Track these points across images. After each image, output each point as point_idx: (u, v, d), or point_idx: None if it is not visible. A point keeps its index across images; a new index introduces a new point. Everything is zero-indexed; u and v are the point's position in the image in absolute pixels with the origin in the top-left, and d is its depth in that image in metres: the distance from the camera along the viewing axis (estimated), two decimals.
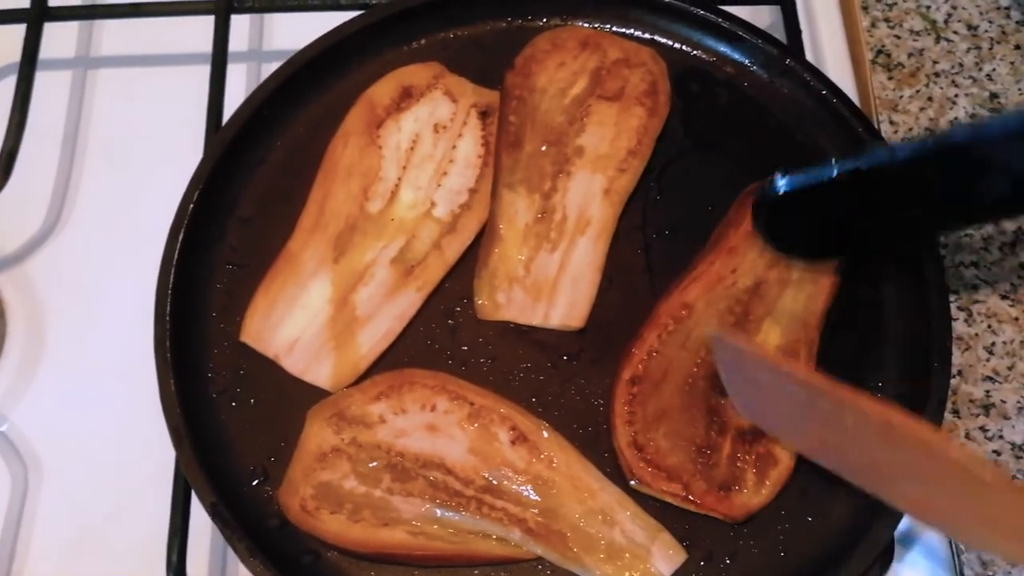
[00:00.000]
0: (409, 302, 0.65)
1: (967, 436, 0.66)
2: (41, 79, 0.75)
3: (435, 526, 0.58)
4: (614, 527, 0.58)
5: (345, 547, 0.58)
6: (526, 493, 0.59)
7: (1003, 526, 0.48)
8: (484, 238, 0.67)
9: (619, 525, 0.58)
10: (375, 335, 0.64)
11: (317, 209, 0.67)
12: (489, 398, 0.61)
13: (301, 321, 0.64)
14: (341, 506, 0.59)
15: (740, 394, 0.58)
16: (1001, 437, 0.65)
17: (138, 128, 0.78)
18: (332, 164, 0.69)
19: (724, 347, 0.57)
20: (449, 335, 0.65)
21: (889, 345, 0.65)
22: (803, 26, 0.77)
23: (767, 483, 0.59)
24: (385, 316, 0.64)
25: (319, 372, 0.63)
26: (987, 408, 0.66)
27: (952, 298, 0.68)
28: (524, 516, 0.58)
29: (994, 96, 0.77)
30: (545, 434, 0.60)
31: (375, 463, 0.60)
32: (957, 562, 0.62)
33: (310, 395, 0.62)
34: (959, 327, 0.68)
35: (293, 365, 0.63)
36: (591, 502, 0.59)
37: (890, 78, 0.78)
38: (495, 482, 0.59)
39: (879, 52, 0.79)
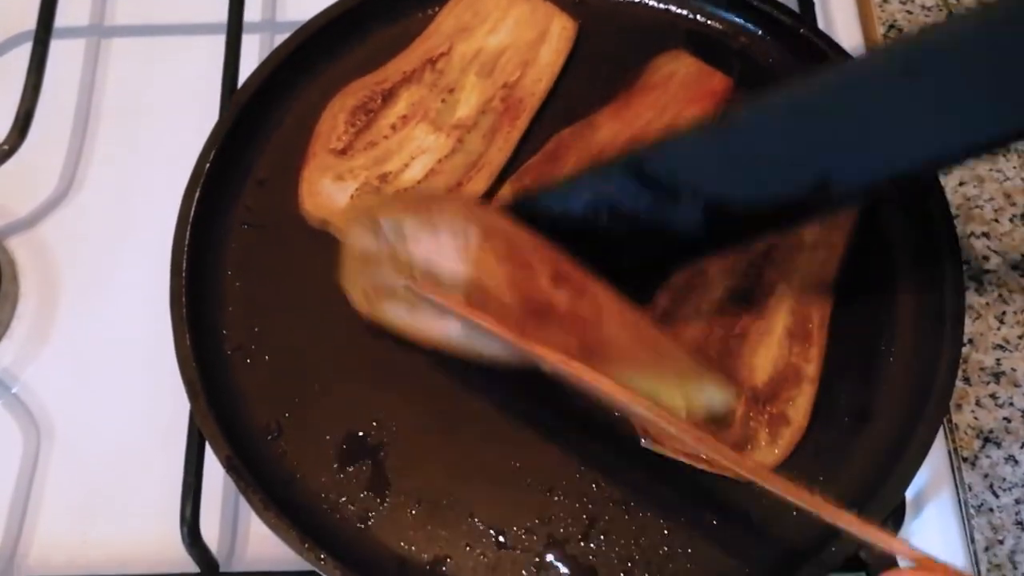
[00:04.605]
0: None
1: (978, 403, 0.66)
2: (55, 47, 0.75)
3: None
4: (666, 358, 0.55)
5: (410, 337, 0.58)
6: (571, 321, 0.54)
7: None
8: None
9: (672, 354, 0.55)
10: None
11: None
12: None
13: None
14: (395, 298, 0.58)
15: None
16: (1012, 404, 0.66)
17: (152, 97, 0.78)
18: None
19: None
20: None
21: (902, 313, 0.65)
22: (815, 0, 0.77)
23: (780, 443, 0.60)
24: None
25: None
26: (997, 376, 0.67)
27: (963, 267, 0.68)
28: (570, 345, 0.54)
29: None
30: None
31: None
32: (967, 525, 0.62)
33: (325, 353, 0.63)
34: (970, 296, 0.69)
35: None
36: (643, 333, 0.55)
37: None
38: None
39: (891, 27, 0.79)
